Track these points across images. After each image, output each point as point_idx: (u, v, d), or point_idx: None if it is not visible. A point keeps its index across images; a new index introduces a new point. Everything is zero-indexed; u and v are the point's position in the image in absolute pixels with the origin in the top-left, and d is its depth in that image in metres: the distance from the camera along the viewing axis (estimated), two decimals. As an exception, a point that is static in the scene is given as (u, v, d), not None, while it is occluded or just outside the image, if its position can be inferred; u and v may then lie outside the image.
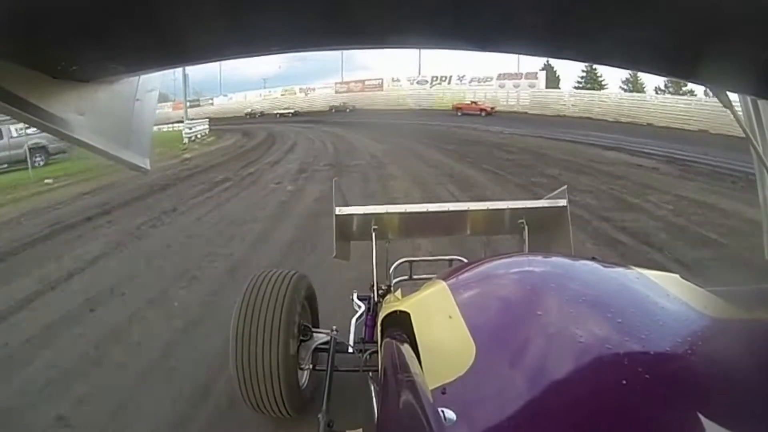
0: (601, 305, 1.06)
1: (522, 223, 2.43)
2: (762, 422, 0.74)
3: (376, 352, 1.74)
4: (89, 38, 0.68)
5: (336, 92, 40.24)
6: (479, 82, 33.16)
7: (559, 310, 1.03)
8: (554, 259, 1.51)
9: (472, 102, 28.48)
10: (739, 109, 1.53)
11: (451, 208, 2.52)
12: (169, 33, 0.71)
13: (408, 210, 2.49)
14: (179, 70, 24.71)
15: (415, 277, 2.51)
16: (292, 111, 36.63)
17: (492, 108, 27.30)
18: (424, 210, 2.48)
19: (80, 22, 0.62)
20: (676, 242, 4.99)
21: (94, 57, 0.76)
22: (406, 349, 1.03)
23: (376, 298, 2.38)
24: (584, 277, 1.24)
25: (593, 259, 1.48)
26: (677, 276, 1.27)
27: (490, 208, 2.52)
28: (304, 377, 2.18)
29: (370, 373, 1.92)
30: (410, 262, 2.59)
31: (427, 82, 36.41)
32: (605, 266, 1.35)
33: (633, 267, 1.31)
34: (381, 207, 2.51)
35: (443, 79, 35.58)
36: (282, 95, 42.66)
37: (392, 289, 2.32)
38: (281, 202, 7.61)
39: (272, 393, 1.93)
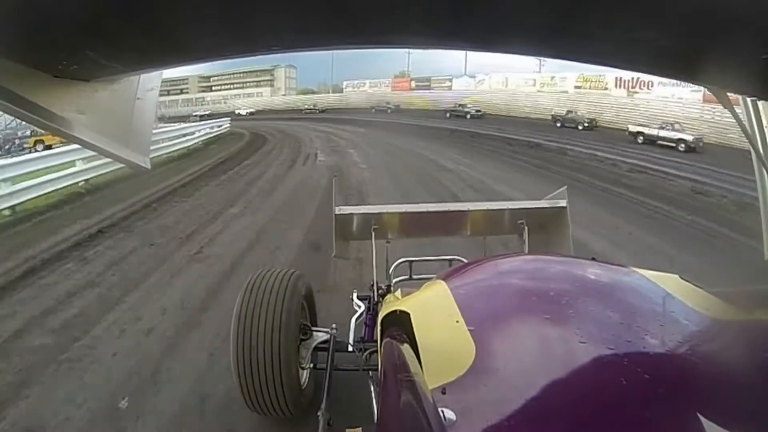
0: (601, 306, 1.06)
1: (522, 223, 2.43)
2: (762, 422, 0.74)
3: (376, 351, 1.74)
4: (90, 38, 0.69)
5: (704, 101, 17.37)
6: None
7: (559, 310, 1.03)
8: (554, 259, 1.51)
9: None
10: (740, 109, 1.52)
11: (451, 209, 2.52)
12: (169, 33, 0.71)
13: (408, 210, 2.49)
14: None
15: (415, 276, 2.51)
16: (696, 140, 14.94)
17: None
18: (424, 210, 2.48)
19: (81, 22, 0.62)
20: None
21: (94, 56, 0.76)
22: (406, 348, 1.03)
23: (375, 298, 2.38)
24: (584, 277, 1.24)
25: (593, 259, 1.48)
26: (677, 276, 1.27)
27: (490, 208, 2.52)
28: (304, 376, 2.18)
29: (370, 373, 1.92)
30: (410, 262, 2.59)
31: None
32: (605, 267, 1.35)
33: (633, 267, 1.30)
34: (381, 207, 2.51)
35: None
36: (577, 87, 24.81)
37: (392, 288, 2.32)
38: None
39: (275, 394, 1.93)
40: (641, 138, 17.25)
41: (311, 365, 2.16)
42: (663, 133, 16.90)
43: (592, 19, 0.66)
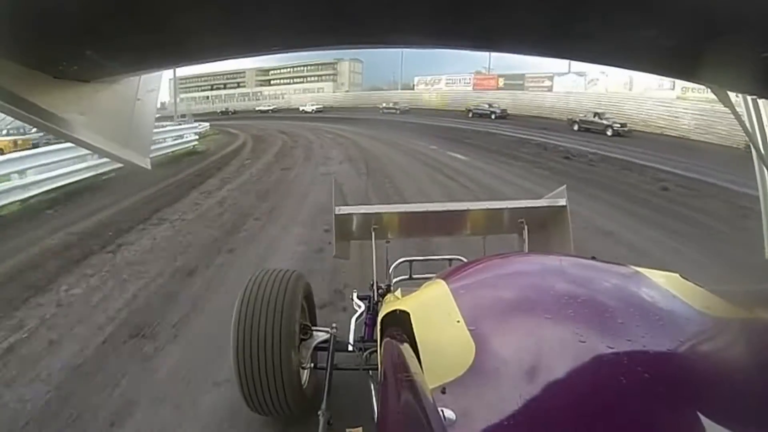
0: (601, 305, 1.05)
1: (522, 222, 2.43)
2: (762, 422, 0.74)
3: (376, 351, 1.74)
4: (90, 38, 0.69)
5: None
6: None
7: (559, 309, 1.03)
8: (554, 258, 1.51)
9: None
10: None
11: (451, 208, 2.52)
12: (169, 33, 0.71)
13: (408, 210, 2.49)
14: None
15: (415, 276, 2.51)
16: None
17: None
18: (424, 210, 2.48)
19: (81, 23, 0.62)
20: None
21: (94, 57, 0.76)
22: (405, 348, 1.03)
23: (375, 298, 2.38)
24: (584, 276, 1.24)
25: (593, 258, 1.47)
26: (677, 275, 1.27)
27: (490, 207, 2.52)
28: (305, 376, 2.18)
29: (370, 372, 1.92)
30: (410, 261, 2.59)
31: None
32: (605, 266, 1.35)
33: (633, 266, 1.30)
34: (381, 206, 2.51)
35: None
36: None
37: (392, 288, 2.32)
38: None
39: (276, 393, 1.94)
40: None
41: (311, 365, 2.16)
42: None
43: (592, 18, 0.66)
